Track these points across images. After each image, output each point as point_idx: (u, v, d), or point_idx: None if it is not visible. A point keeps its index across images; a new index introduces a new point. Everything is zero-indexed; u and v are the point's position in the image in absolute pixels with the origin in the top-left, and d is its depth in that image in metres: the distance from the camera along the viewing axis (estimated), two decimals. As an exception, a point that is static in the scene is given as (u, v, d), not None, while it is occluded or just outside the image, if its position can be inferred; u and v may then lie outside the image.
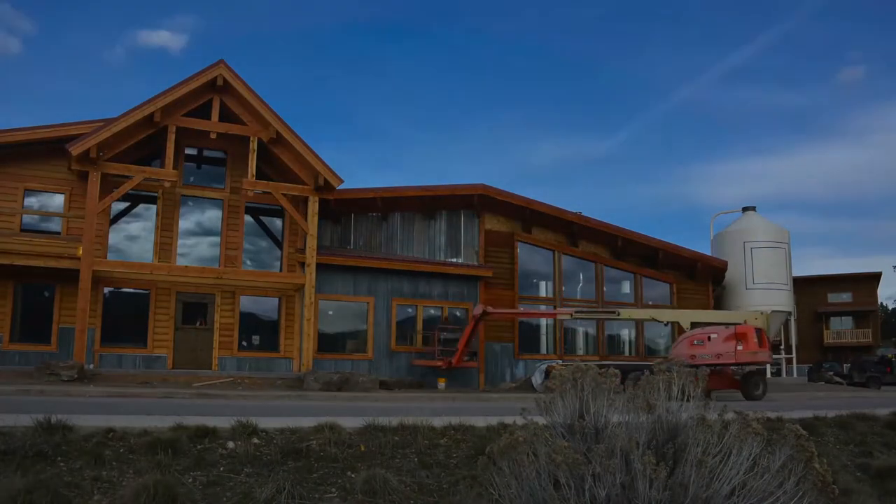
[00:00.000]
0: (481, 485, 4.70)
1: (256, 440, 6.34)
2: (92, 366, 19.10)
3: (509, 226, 26.39)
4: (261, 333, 22.27)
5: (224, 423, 6.63)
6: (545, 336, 26.85)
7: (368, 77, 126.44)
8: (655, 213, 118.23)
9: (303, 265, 21.73)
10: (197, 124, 20.62)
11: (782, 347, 36.34)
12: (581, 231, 27.44)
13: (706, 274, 30.17)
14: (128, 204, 21.38)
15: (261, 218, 23.21)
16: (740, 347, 19.79)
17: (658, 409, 4.09)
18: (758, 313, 21.77)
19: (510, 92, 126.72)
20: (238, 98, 20.83)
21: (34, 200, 20.53)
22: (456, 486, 5.69)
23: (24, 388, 14.01)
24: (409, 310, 23.53)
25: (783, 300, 32.92)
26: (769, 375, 34.67)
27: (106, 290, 20.65)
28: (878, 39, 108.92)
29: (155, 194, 21.29)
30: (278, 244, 23.15)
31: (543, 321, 26.67)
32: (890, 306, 66.12)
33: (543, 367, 22.17)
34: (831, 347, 49.67)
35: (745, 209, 35.48)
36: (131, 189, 19.99)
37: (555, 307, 26.04)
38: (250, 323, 22.16)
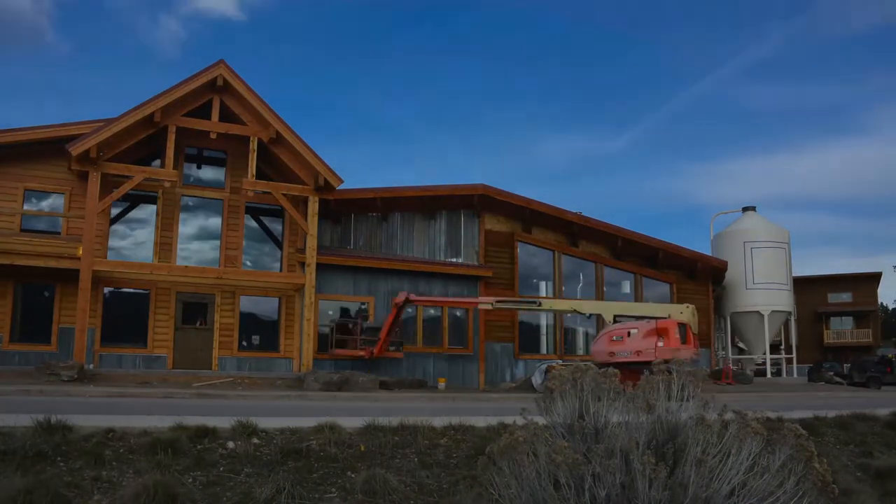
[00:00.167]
0: (481, 485, 4.70)
1: (256, 440, 6.34)
2: (92, 366, 19.10)
3: (509, 226, 26.39)
4: (261, 333, 22.27)
5: (224, 423, 6.63)
6: (545, 336, 26.85)
7: (374, 66, 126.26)
8: (659, 212, 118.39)
9: (303, 265, 21.73)
10: (197, 124, 20.62)
11: (782, 347, 36.36)
12: (581, 231, 27.44)
13: (706, 274, 30.18)
14: (128, 204, 21.38)
15: (261, 218, 23.21)
16: (661, 344, 18.26)
17: (658, 409, 4.09)
18: (683, 307, 20.14)
19: (520, 86, 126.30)
20: (238, 98, 20.84)
21: (34, 200, 20.54)
22: (456, 486, 5.69)
23: (24, 388, 14.01)
24: (409, 310, 23.50)
25: (783, 300, 32.94)
26: (768, 375, 34.78)
27: (106, 290, 20.65)
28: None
29: (155, 194, 21.29)
30: (278, 244, 23.15)
31: (543, 321, 26.66)
32: (890, 306, 66.11)
33: (543, 367, 22.16)
34: (831, 347, 49.70)
35: (745, 209, 35.49)
36: (131, 189, 19.99)
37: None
38: (250, 323, 22.16)
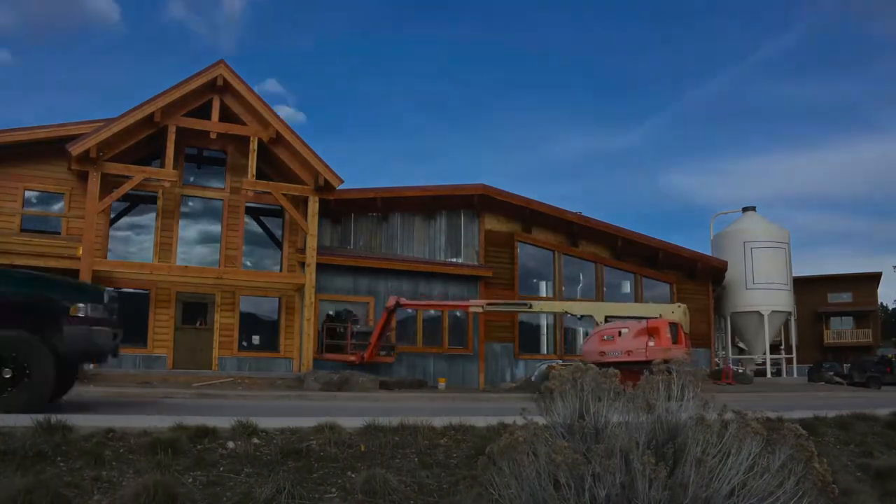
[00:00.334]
0: (481, 485, 4.70)
1: (256, 440, 6.34)
2: (92, 366, 19.09)
3: (509, 226, 26.40)
4: (261, 333, 22.28)
5: (224, 423, 6.63)
6: (545, 336, 26.86)
7: (376, 61, 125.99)
8: (659, 212, 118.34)
9: (303, 265, 21.74)
10: (197, 124, 20.64)
11: (782, 347, 36.37)
12: (581, 231, 27.46)
13: (706, 274, 30.20)
14: (128, 204, 21.40)
15: (261, 218, 23.23)
16: (651, 343, 18.01)
17: (658, 409, 4.09)
18: (675, 306, 19.93)
19: (530, 80, 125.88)
20: (238, 98, 20.85)
21: (34, 200, 20.54)
22: (456, 486, 5.69)
23: (24, 388, 13.99)
24: (409, 310, 23.51)
25: (783, 300, 32.97)
26: (769, 375, 34.78)
27: (106, 290, 20.64)
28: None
29: (155, 194, 21.29)
30: (278, 244, 23.16)
31: (543, 321, 26.67)
32: (890, 306, 66.10)
33: (543, 367, 22.16)
34: (831, 347, 49.72)
35: (745, 209, 35.53)
36: (131, 189, 20.00)
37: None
38: (250, 323, 22.17)
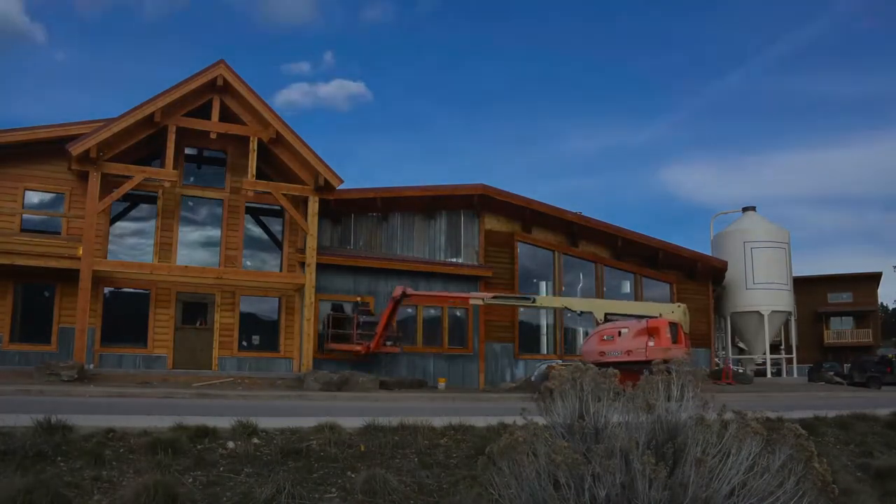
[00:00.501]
0: (481, 485, 4.70)
1: (256, 440, 6.34)
2: (92, 366, 19.10)
3: (509, 226, 26.39)
4: (261, 333, 22.27)
5: (224, 423, 6.63)
6: (545, 336, 26.86)
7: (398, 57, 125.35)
8: (660, 212, 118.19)
9: (303, 265, 21.73)
10: (197, 124, 20.63)
11: (782, 347, 36.37)
12: (581, 231, 27.44)
13: (706, 274, 30.18)
14: (128, 204, 21.38)
15: (261, 218, 23.21)
16: (651, 343, 17.74)
17: (657, 409, 4.09)
18: (675, 306, 19.58)
19: (543, 75, 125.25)
20: (238, 98, 20.85)
21: (34, 200, 20.54)
22: (456, 486, 5.69)
23: (24, 388, 14.01)
24: (410, 310, 23.51)
25: (783, 300, 32.95)
26: (769, 375, 34.78)
27: (106, 290, 20.65)
28: None
29: (155, 194, 21.29)
30: (278, 244, 23.15)
31: (543, 321, 26.66)
32: (890, 306, 66.10)
33: (543, 367, 22.15)
34: (831, 347, 49.69)
35: (745, 209, 35.51)
36: (131, 189, 19.99)
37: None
38: (250, 323, 22.16)
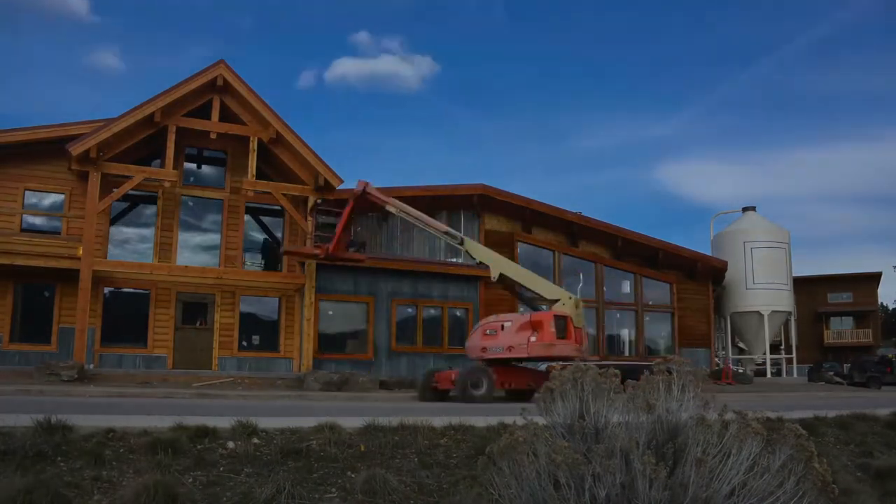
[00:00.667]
0: (481, 485, 4.70)
1: (256, 440, 6.34)
2: (92, 366, 19.10)
3: (509, 226, 26.40)
4: (261, 333, 22.27)
5: (224, 423, 6.63)
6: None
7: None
8: (660, 212, 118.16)
9: (303, 265, 21.73)
10: (197, 124, 20.63)
11: (782, 347, 36.38)
12: (581, 231, 27.47)
13: (706, 274, 30.20)
14: (128, 204, 21.39)
15: (261, 218, 23.22)
16: (534, 339, 16.16)
17: (658, 409, 4.09)
18: (567, 296, 17.51)
19: (559, 64, 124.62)
20: (238, 98, 20.85)
21: (34, 200, 20.54)
22: (456, 486, 5.69)
23: (24, 388, 14.02)
24: (409, 310, 23.54)
25: (783, 300, 32.96)
26: (769, 375, 34.78)
27: (106, 290, 20.65)
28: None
29: (155, 194, 21.29)
30: (278, 244, 23.16)
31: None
32: (890, 306, 66.07)
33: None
34: (831, 347, 49.70)
35: (745, 209, 35.52)
36: (131, 189, 20.00)
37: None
38: (250, 323, 22.16)
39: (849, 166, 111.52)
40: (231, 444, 6.17)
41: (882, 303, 59.93)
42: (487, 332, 17.08)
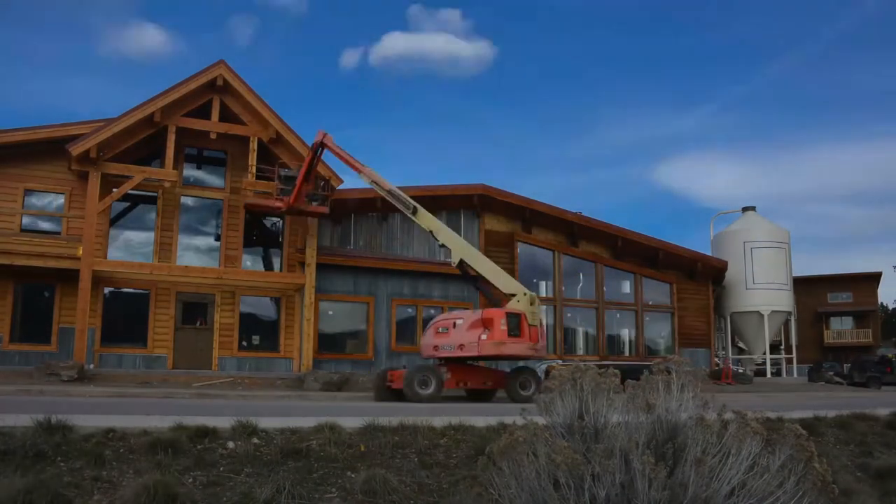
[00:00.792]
0: (481, 485, 4.70)
1: (256, 440, 6.34)
2: (92, 366, 19.10)
3: (509, 226, 26.41)
4: (261, 333, 22.27)
5: (224, 423, 6.63)
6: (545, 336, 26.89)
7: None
8: (660, 211, 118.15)
9: (303, 265, 21.74)
10: (197, 124, 20.64)
11: (782, 347, 36.37)
12: (581, 231, 27.47)
13: (706, 274, 30.22)
14: (128, 204, 21.38)
15: (261, 218, 23.21)
16: (484, 337, 15.54)
17: (657, 409, 4.09)
18: (522, 293, 16.65)
19: (573, 60, 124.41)
20: (238, 98, 20.86)
21: (34, 200, 20.53)
22: (456, 486, 5.69)
23: (24, 388, 14.03)
24: (409, 310, 23.55)
25: (783, 300, 32.95)
26: (769, 375, 34.76)
27: (106, 290, 20.65)
28: None
29: (155, 194, 21.28)
30: (278, 244, 23.16)
31: (543, 321, 26.66)
32: (890, 306, 66.06)
33: (543, 367, 22.13)
34: (831, 347, 49.69)
35: (745, 209, 35.51)
36: (131, 189, 20.00)
37: (554, 306, 26.25)
38: (250, 323, 22.16)
39: (848, 166, 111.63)
40: (231, 444, 6.17)
41: (882, 303, 59.91)
42: (440, 330, 16.49)
